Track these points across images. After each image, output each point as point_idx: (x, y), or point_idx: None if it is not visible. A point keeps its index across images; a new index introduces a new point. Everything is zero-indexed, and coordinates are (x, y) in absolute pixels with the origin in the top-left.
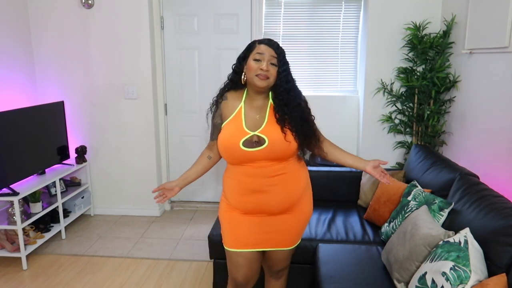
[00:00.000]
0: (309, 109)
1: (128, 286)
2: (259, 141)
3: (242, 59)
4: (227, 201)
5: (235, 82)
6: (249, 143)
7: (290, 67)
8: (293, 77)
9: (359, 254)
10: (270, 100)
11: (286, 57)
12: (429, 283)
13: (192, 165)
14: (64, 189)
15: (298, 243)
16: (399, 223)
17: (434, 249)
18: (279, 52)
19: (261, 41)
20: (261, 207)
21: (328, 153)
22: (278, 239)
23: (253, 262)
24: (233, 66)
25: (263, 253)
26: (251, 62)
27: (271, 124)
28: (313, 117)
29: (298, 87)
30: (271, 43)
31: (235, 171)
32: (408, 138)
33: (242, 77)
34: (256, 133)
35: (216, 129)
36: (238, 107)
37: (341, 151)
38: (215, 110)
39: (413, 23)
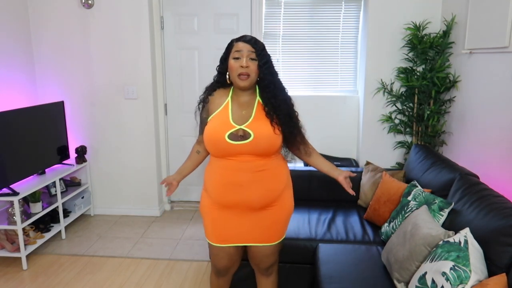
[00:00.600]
0: (293, 105)
1: (128, 286)
2: (244, 135)
3: (224, 59)
4: (208, 195)
5: (221, 82)
6: (235, 136)
7: (279, 63)
8: (277, 71)
9: (359, 254)
10: (258, 97)
11: (267, 51)
12: (429, 283)
13: (185, 160)
14: (64, 189)
15: (281, 239)
16: (399, 223)
17: (434, 249)
18: (257, 47)
19: (238, 39)
20: (241, 202)
21: (309, 156)
22: (259, 235)
23: (233, 255)
24: (217, 68)
25: (248, 250)
26: (231, 62)
27: (258, 119)
28: (296, 113)
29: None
30: (247, 39)
31: (218, 164)
32: (408, 138)
33: (227, 76)
34: (242, 127)
35: (203, 124)
36: (225, 102)
37: (320, 157)
38: (203, 106)
39: (413, 23)
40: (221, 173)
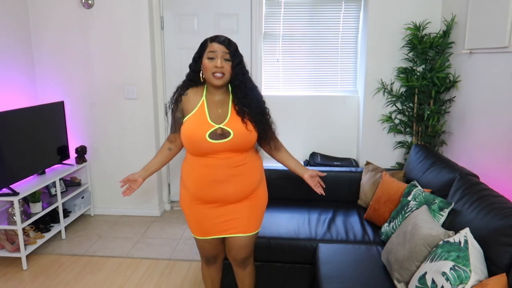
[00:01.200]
0: (265, 102)
1: (128, 286)
2: (224, 134)
3: (198, 58)
4: (186, 191)
5: (195, 81)
6: (214, 135)
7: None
8: (247, 70)
9: (359, 254)
10: (231, 96)
11: (239, 51)
12: (429, 283)
13: (153, 157)
14: (64, 189)
15: (257, 231)
16: (399, 223)
17: (434, 249)
18: (231, 48)
19: (212, 39)
20: (221, 196)
21: (277, 151)
22: (237, 225)
23: (218, 245)
24: (190, 66)
25: (225, 242)
26: (205, 61)
27: (234, 117)
28: (267, 110)
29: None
30: (221, 40)
31: (198, 162)
32: (408, 138)
33: (201, 75)
34: (221, 126)
35: (177, 123)
36: (200, 102)
37: (288, 154)
38: (176, 106)
39: (413, 23)
40: (200, 171)
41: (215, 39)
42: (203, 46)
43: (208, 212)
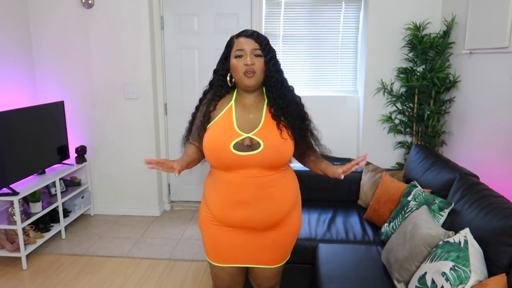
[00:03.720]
0: (304, 105)
1: (128, 286)
2: (252, 145)
3: (225, 59)
4: (208, 210)
5: (225, 87)
6: (241, 146)
7: (284, 65)
8: (282, 69)
9: (359, 254)
10: (266, 99)
11: (271, 45)
12: (429, 283)
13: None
14: (64, 189)
15: (286, 260)
16: (399, 223)
17: (434, 249)
18: (261, 41)
19: (238, 35)
20: (245, 222)
21: (314, 162)
22: (263, 256)
23: (236, 276)
24: (217, 70)
25: (249, 270)
26: (233, 61)
27: (269, 125)
28: (307, 114)
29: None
30: (249, 33)
31: (220, 177)
32: (408, 138)
33: (228, 79)
34: (250, 135)
35: (201, 130)
36: (228, 106)
37: (320, 158)
38: (205, 114)
39: (413, 23)
40: (223, 188)
41: (241, 33)
42: (229, 44)
43: (229, 236)
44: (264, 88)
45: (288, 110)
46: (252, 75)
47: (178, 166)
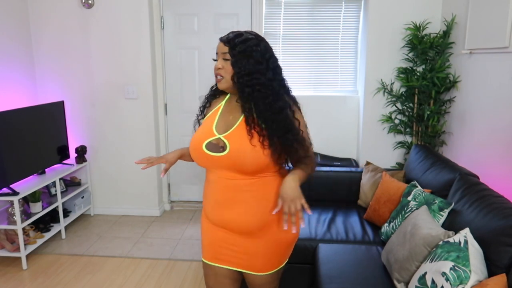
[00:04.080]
0: (293, 111)
1: (128, 286)
2: (224, 147)
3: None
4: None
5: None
6: (213, 146)
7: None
8: (270, 68)
9: (359, 254)
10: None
11: (253, 47)
12: (429, 283)
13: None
14: (64, 189)
15: (277, 269)
16: (399, 223)
17: (434, 249)
18: (231, 44)
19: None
20: (225, 224)
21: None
22: (248, 262)
23: (222, 278)
24: None
25: (244, 276)
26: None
27: (242, 129)
28: (298, 121)
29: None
30: (223, 38)
31: (207, 176)
32: (408, 138)
33: None
34: (220, 136)
35: (196, 124)
36: (217, 106)
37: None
38: (202, 110)
39: (413, 23)
40: (206, 186)
41: (220, 37)
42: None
43: (218, 235)
44: None
45: (262, 116)
46: (219, 80)
47: (168, 163)
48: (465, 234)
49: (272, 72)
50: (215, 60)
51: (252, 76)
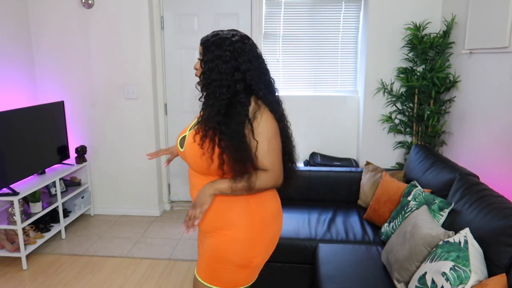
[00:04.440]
0: (251, 119)
1: (128, 286)
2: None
3: None
4: None
5: None
6: (183, 142)
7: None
8: (253, 73)
9: (359, 254)
10: None
11: (225, 46)
12: (429, 283)
13: None
14: (64, 189)
15: (203, 281)
16: (399, 223)
17: (434, 249)
18: (204, 46)
19: None
20: None
21: None
22: (199, 259)
23: None
24: None
25: None
26: None
27: (199, 128)
28: (252, 131)
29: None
30: (202, 38)
31: None
32: (408, 138)
33: None
34: (187, 133)
35: None
36: None
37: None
38: None
39: (413, 23)
40: None
41: None
42: None
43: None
44: None
45: (208, 115)
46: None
47: (172, 155)
48: (465, 234)
49: (242, 73)
50: None
51: (208, 73)
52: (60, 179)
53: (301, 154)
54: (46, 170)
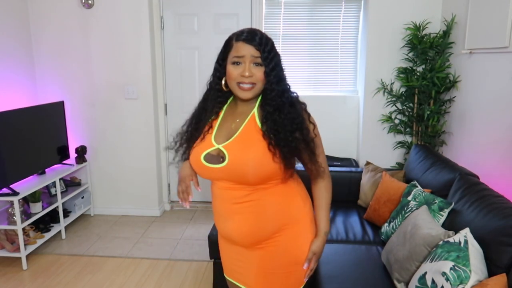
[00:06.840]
0: (304, 121)
1: (128, 286)
2: (223, 157)
3: (222, 60)
4: None
5: (222, 91)
6: (211, 157)
7: (282, 60)
8: (285, 74)
9: (359, 254)
10: (256, 107)
11: (276, 49)
12: (429, 283)
13: None
14: (64, 189)
15: None
16: (399, 223)
17: (434, 249)
18: (263, 48)
19: (238, 37)
20: (229, 235)
21: (313, 180)
22: (245, 274)
23: None
24: (215, 72)
25: None
26: (229, 68)
27: (243, 137)
28: (312, 125)
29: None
30: (249, 38)
31: (211, 188)
32: (408, 138)
33: (223, 82)
34: (219, 146)
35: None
36: (218, 112)
37: (321, 196)
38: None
39: (413, 23)
40: (212, 199)
41: (241, 36)
42: (227, 45)
43: (226, 248)
44: (260, 96)
45: (283, 123)
46: (249, 88)
47: (194, 178)
48: (465, 234)
49: (284, 76)
50: (222, 63)
51: (281, 82)
52: (60, 179)
53: None
54: (46, 170)
